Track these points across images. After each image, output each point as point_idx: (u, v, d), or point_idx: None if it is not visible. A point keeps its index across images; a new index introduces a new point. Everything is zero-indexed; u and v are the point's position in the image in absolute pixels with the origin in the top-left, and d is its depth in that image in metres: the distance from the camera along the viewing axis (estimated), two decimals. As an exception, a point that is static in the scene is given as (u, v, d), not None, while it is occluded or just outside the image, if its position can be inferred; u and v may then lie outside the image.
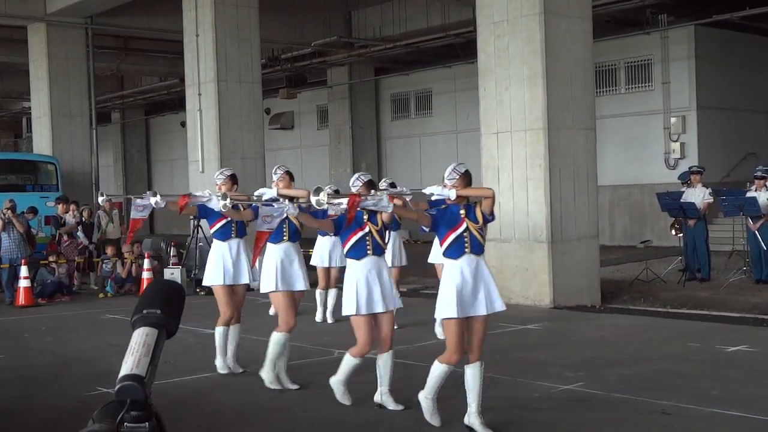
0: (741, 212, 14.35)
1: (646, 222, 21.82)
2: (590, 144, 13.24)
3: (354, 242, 6.72)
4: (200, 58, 17.58)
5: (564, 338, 10.20)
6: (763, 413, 6.58)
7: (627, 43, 21.93)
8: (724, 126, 21.75)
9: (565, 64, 12.75)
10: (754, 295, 13.21)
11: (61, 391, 8.24)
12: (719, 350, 9.27)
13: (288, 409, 7.24)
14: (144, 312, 1.66)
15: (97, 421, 1.60)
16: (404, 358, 8.62)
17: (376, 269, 6.70)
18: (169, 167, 37.35)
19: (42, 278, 15.62)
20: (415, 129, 27.70)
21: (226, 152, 17.57)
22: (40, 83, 22.42)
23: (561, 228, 12.74)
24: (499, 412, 6.97)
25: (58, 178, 21.57)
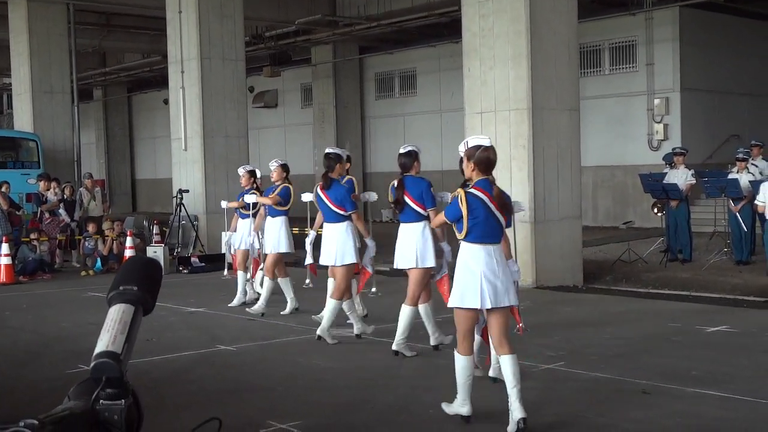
0: (723, 194, 14.42)
1: (629, 203, 21.90)
2: (574, 125, 13.24)
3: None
4: (183, 35, 17.46)
5: (546, 318, 10.24)
6: (742, 393, 6.63)
7: (611, 24, 21.93)
8: (708, 108, 21.82)
9: (549, 45, 12.72)
10: (734, 276, 13.30)
11: (41, 368, 8.21)
12: (699, 330, 9.33)
13: (269, 387, 7.25)
14: (120, 288, 1.64)
15: (72, 398, 1.58)
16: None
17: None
18: (152, 145, 37.16)
19: (23, 256, 15.53)
20: (399, 108, 27.66)
21: (209, 130, 17.51)
22: (21, 59, 22.20)
23: (544, 208, 12.76)
24: (481, 390, 6.99)
25: (40, 155, 21.42)
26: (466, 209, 5.78)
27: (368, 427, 6.16)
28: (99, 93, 38.26)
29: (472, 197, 5.80)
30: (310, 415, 6.35)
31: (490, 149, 5.88)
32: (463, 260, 5.89)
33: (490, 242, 5.86)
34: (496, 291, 5.77)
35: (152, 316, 1.74)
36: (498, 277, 5.80)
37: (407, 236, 8.13)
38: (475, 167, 5.87)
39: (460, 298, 5.86)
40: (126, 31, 27.94)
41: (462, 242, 5.91)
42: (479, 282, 5.76)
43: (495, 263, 5.82)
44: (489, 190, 5.84)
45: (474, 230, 5.80)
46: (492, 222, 5.83)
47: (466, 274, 5.84)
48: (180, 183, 17.64)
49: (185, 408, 6.58)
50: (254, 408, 6.61)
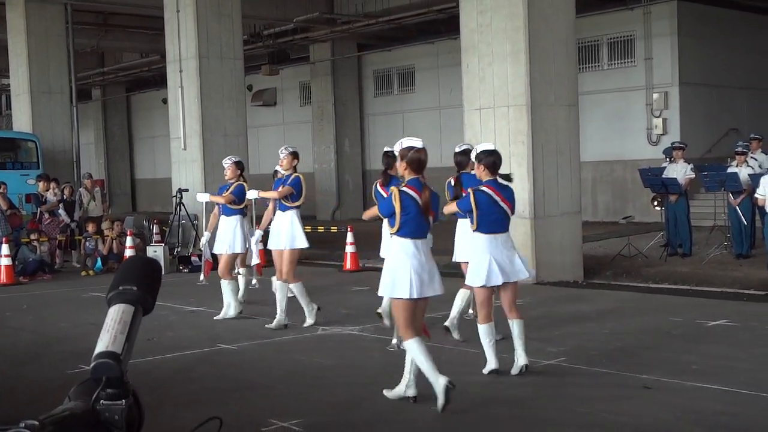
0: (722, 188, 14.41)
1: (628, 198, 21.89)
2: (573, 120, 13.24)
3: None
4: (181, 35, 17.44)
5: (546, 314, 10.24)
6: (743, 387, 6.63)
7: (609, 19, 21.91)
8: (706, 102, 21.80)
9: (547, 40, 12.72)
10: (734, 270, 13.30)
11: (41, 369, 8.22)
12: (700, 325, 9.33)
13: (270, 386, 7.25)
14: (120, 288, 1.64)
15: (73, 398, 1.58)
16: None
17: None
18: (151, 144, 37.14)
19: (23, 256, 15.53)
20: (398, 105, 27.63)
21: (208, 129, 17.50)
22: (19, 60, 22.18)
23: (544, 204, 12.76)
24: (482, 386, 7.00)
25: (39, 155, 21.40)
26: (399, 206, 6.25)
27: (369, 425, 6.17)
28: (97, 93, 38.22)
29: (405, 195, 6.28)
30: (310, 413, 6.36)
31: (421, 151, 6.40)
32: (394, 253, 6.36)
33: (419, 237, 6.35)
34: (422, 282, 6.24)
35: (153, 315, 1.74)
36: (425, 270, 6.29)
37: (466, 231, 8.40)
38: (408, 167, 6.38)
39: (392, 288, 6.32)
40: (124, 31, 27.92)
41: (393, 236, 6.37)
42: (409, 274, 6.22)
43: (423, 256, 6.32)
44: (420, 189, 6.32)
45: (405, 226, 6.29)
46: (421, 219, 6.32)
47: (396, 267, 6.31)
48: (179, 182, 17.64)
49: (186, 407, 6.58)
50: (255, 406, 6.62)
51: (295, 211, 9.83)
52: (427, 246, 6.47)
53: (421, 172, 6.40)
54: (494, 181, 7.10)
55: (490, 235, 7.08)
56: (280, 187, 9.83)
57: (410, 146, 6.41)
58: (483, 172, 7.16)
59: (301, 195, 9.81)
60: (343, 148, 27.90)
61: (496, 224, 7.10)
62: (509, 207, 7.14)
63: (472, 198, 7.03)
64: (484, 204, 7.02)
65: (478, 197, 7.03)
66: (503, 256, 7.07)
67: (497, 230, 7.11)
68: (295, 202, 9.82)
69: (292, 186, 9.74)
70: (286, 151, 9.92)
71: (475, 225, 7.09)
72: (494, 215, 7.07)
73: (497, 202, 7.04)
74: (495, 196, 7.04)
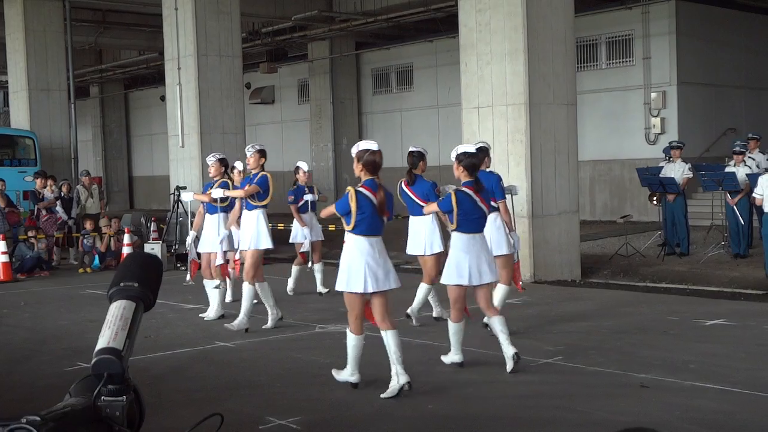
0: (720, 187, 14.42)
1: (626, 197, 21.90)
2: (571, 119, 13.25)
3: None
4: (180, 32, 17.43)
5: (544, 312, 10.25)
6: (741, 386, 6.64)
7: (608, 18, 21.91)
8: (704, 101, 21.82)
9: (546, 39, 12.72)
10: (732, 270, 13.31)
11: (39, 366, 8.21)
12: (697, 324, 9.35)
13: (268, 384, 7.25)
14: (121, 285, 1.64)
15: (74, 395, 1.58)
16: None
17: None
18: (149, 142, 37.10)
19: (21, 253, 15.52)
20: (396, 104, 27.63)
21: (206, 127, 17.48)
22: (18, 57, 22.15)
23: (542, 203, 12.77)
24: (478, 385, 7.01)
25: (37, 152, 21.38)
26: (355, 206, 6.56)
27: (366, 422, 6.17)
28: (95, 90, 38.17)
29: (361, 196, 6.60)
30: (308, 411, 6.36)
31: (376, 153, 6.70)
32: (349, 250, 6.68)
33: (373, 235, 6.67)
34: (377, 277, 6.58)
35: (150, 313, 1.75)
36: (380, 266, 6.62)
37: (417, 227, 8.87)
38: (363, 168, 6.69)
39: (347, 283, 6.63)
40: (122, 28, 27.87)
41: (349, 233, 6.67)
42: (363, 270, 6.55)
43: (377, 253, 6.64)
44: (375, 190, 6.63)
45: (360, 224, 6.60)
46: (376, 218, 6.64)
47: (352, 263, 6.62)
48: (177, 180, 17.62)
49: (184, 405, 6.58)
50: (253, 404, 6.62)
51: (261, 211, 9.62)
52: (381, 243, 6.76)
53: (376, 173, 6.71)
54: (474, 182, 7.30)
55: (469, 235, 7.28)
56: (247, 185, 9.60)
57: (366, 149, 6.70)
58: (462, 173, 7.34)
59: (268, 194, 9.58)
60: (341, 147, 27.89)
61: (475, 224, 7.33)
62: (487, 208, 7.40)
63: (454, 198, 7.22)
64: (465, 204, 7.23)
65: (459, 197, 7.23)
66: (480, 256, 7.29)
67: (476, 230, 7.34)
68: (262, 202, 9.61)
69: (258, 185, 9.49)
70: (252, 149, 9.67)
71: (454, 224, 7.28)
72: (474, 215, 7.28)
73: (477, 202, 7.26)
74: (475, 197, 7.25)
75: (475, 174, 7.33)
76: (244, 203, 9.72)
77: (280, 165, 29.14)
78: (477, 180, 7.32)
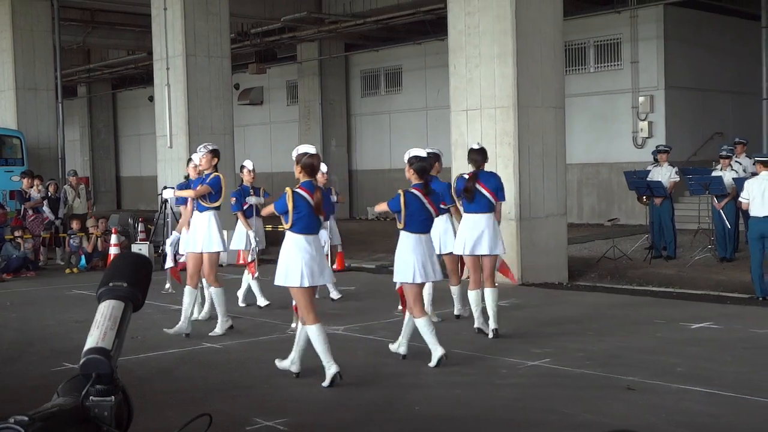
0: (707, 191, 14.49)
1: (614, 200, 21.98)
2: (559, 122, 13.28)
3: None
4: (168, 32, 17.39)
5: (531, 315, 10.27)
6: (727, 389, 6.67)
7: (596, 22, 22.00)
8: (692, 105, 21.92)
9: (535, 43, 12.75)
10: (718, 273, 13.37)
11: (26, 367, 8.17)
12: (684, 327, 9.38)
13: (255, 385, 7.24)
14: (110, 284, 1.64)
15: (62, 395, 1.57)
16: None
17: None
18: (137, 142, 37.01)
19: (7, 253, 15.44)
20: (385, 106, 27.64)
21: (195, 127, 17.44)
22: (5, 56, 22.05)
23: (529, 206, 12.79)
24: (466, 387, 7.02)
25: (23, 152, 21.28)
26: (292, 205, 6.98)
27: (354, 424, 6.17)
28: (83, 90, 38.05)
29: (297, 196, 7.03)
30: (296, 413, 6.35)
31: (314, 156, 7.17)
32: (287, 247, 7.09)
33: (310, 233, 7.10)
34: (313, 273, 7.00)
35: (138, 313, 1.74)
36: (315, 262, 7.05)
37: (480, 224, 8.90)
38: (302, 170, 7.14)
39: (285, 277, 7.04)
40: (110, 28, 27.78)
41: (288, 231, 7.10)
42: (300, 265, 6.96)
43: (313, 250, 7.08)
44: (312, 191, 7.07)
45: (298, 223, 7.04)
46: (313, 217, 7.08)
47: (290, 259, 7.03)
48: (165, 180, 17.56)
49: (171, 406, 6.56)
50: (240, 405, 6.61)
51: (213, 213, 9.33)
52: (318, 241, 7.24)
53: (314, 175, 7.18)
54: (423, 185, 7.63)
55: (416, 235, 7.60)
56: (199, 186, 9.31)
57: (305, 152, 7.17)
58: (413, 175, 7.68)
59: (220, 195, 9.28)
60: (329, 148, 27.88)
61: (422, 225, 7.64)
62: (435, 210, 7.70)
63: (402, 199, 7.54)
64: (414, 205, 7.55)
65: (408, 198, 7.56)
66: (426, 255, 7.61)
67: (423, 231, 7.64)
68: (214, 203, 9.31)
69: (210, 185, 9.19)
70: (204, 150, 9.34)
71: (402, 224, 7.62)
72: (421, 216, 7.60)
73: (425, 204, 7.58)
74: (423, 199, 7.58)
75: (425, 177, 7.66)
76: (195, 204, 9.40)
77: (269, 166, 29.13)
78: (426, 183, 7.66)
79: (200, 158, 9.36)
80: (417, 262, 7.54)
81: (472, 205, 8.92)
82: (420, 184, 7.65)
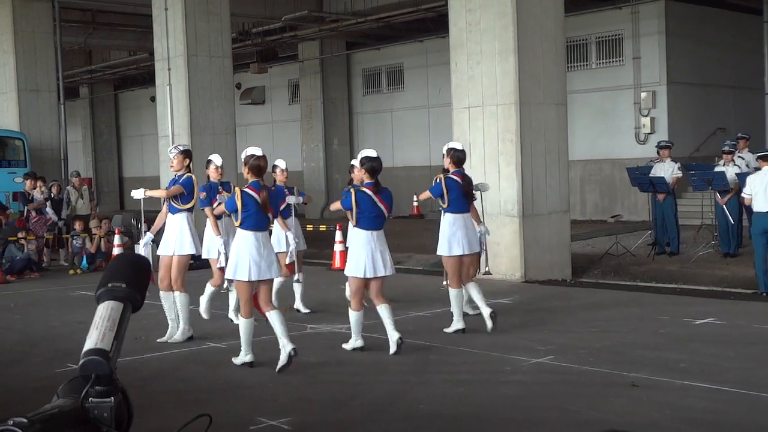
0: (710, 186, 14.46)
1: (617, 197, 21.95)
2: (561, 119, 13.26)
3: None
4: (169, 32, 17.39)
5: (535, 312, 10.26)
6: (731, 384, 6.66)
7: (598, 18, 21.96)
8: (694, 101, 21.88)
9: (536, 39, 12.73)
10: (722, 269, 13.35)
11: (29, 368, 8.18)
12: (688, 323, 9.37)
13: (259, 385, 7.24)
14: (109, 285, 1.63)
15: (61, 396, 1.57)
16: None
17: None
18: (139, 143, 37.01)
19: (11, 255, 15.46)
20: (387, 104, 27.62)
21: (197, 127, 17.44)
22: (6, 58, 22.06)
23: (532, 203, 12.78)
24: (470, 384, 7.01)
25: (26, 153, 21.29)
26: (241, 204, 7.47)
27: (358, 422, 6.16)
28: (85, 91, 38.05)
29: (246, 195, 7.52)
30: (299, 412, 6.35)
31: (261, 158, 7.65)
32: (237, 243, 7.62)
33: (259, 230, 7.59)
34: (260, 267, 7.46)
35: (140, 314, 1.74)
36: (263, 257, 7.51)
37: (464, 223, 9.23)
38: (249, 171, 7.64)
39: (234, 271, 7.53)
40: (112, 29, 27.79)
41: (238, 228, 7.60)
42: (248, 260, 7.44)
43: (261, 246, 7.54)
44: (259, 190, 7.54)
45: (247, 220, 7.53)
46: (261, 215, 7.58)
47: (239, 254, 7.52)
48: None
49: (174, 406, 6.57)
50: (244, 405, 6.61)
51: (186, 215, 9.13)
52: (266, 237, 7.74)
53: (260, 176, 7.64)
54: (374, 184, 8.05)
55: (368, 232, 8.04)
56: (172, 187, 9.14)
57: (252, 154, 7.66)
58: (364, 175, 8.15)
59: (192, 197, 9.07)
60: (331, 147, 27.87)
61: (374, 222, 8.05)
62: (386, 208, 8.09)
63: (353, 197, 7.98)
64: (365, 203, 7.99)
65: (359, 197, 8.00)
66: (377, 251, 8.03)
67: (374, 227, 8.06)
68: (186, 204, 9.09)
69: (182, 186, 9.00)
70: (175, 151, 9.22)
71: (354, 221, 8.06)
72: (372, 214, 8.03)
73: (375, 202, 8.01)
74: (374, 197, 8.00)
75: (375, 176, 8.08)
76: (168, 206, 9.21)
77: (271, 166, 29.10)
78: (377, 182, 8.07)
79: (171, 159, 9.19)
80: (367, 257, 7.97)
81: (462, 205, 9.19)
82: (371, 183, 8.06)
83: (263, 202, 7.54)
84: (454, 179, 9.03)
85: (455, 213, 9.06)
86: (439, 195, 9.11)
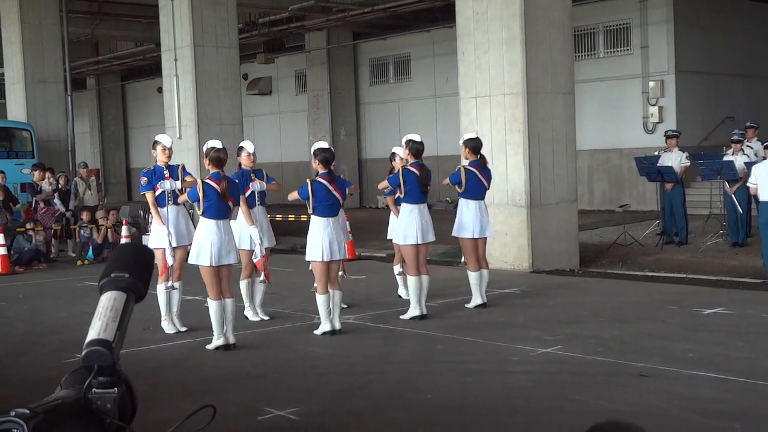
0: (718, 176, 14.41)
1: (625, 186, 21.89)
2: (569, 108, 13.21)
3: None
4: (176, 23, 17.36)
5: (542, 302, 10.25)
6: (739, 374, 6.64)
7: (606, 7, 21.86)
8: (702, 90, 21.78)
9: (544, 28, 12.68)
10: (730, 259, 13.30)
11: (37, 358, 8.20)
12: (696, 313, 9.34)
13: (266, 375, 7.25)
14: (112, 275, 1.62)
15: (65, 387, 1.56)
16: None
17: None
18: (146, 133, 36.96)
19: (19, 246, 15.49)
20: (394, 94, 27.57)
21: (204, 118, 17.43)
22: (14, 49, 22.09)
23: (540, 192, 12.75)
24: (477, 375, 7.00)
25: (34, 145, 21.34)
26: (202, 194, 7.97)
27: (364, 413, 6.16)
28: (92, 82, 38.08)
29: (207, 186, 8.02)
30: (306, 402, 6.35)
31: (221, 150, 8.16)
32: (200, 230, 8.10)
33: (220, 218, 8.08)
34: (220, 254, 7.99)
35: (149, 304, 1.73)
36: (223, 244, 8.01)
37: (420, 213, 9.59)
38: (210, 162, 8.14)
39: (197, 257, 8.04)
40: (118, 20, 27.77)
41: (201, 217, 8.08)
42: (210, 247, 7.94)
43: (222, 233, 8.05)
44: (219, 180, 8.03)
45: (209, 210, 8.02)
46: (221, 204, 8.05)
47: (202, 241, 8.02)
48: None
49: (182, 397, 6.57)
50: (251, 395, 6.61)
51: (180, 207, 9.19)
52: (227, 224, 8.20)
53: (221, 167, 8.11)
54: (328, 173, 8.53)
55: (324, 218, 8.51)
56: (188, 178, 9.24)
57: (212, 147, 8.18)
58: (318, 165, 8.57)
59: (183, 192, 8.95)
60: (338, 137, 27.84)
61: (330, 209, 8.53)
62: (340, 195, 8.61)
63: (309, 187, 8.46)
64: (320, 193, 8.46)
65: (315, 187, 8.47)
66: (334, 236, 8.51)
67: (330, 214, 8.55)
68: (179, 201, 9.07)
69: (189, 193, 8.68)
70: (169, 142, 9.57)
71: (311, 209, 8.53)
72: (328, 202, 8.51)
73: (331, 191, 8.50)
74: (329, 186, 8.50)
75: (329, 167, 8.54)
76: (172, 198, 9.15)
77: (278, 156, 29.13)
78: (330, 171, 8.55)
79: (170, 149, 9.46)
80: (325, 242, 8.43)
81: (419, 196, 9.54)
82: (325, 172, 8.54)
83: (223, 192, 8.00)
84: (412, 171, 9.41)
85: (411, 203, 9.42)
86: (456, 182, 9.75)
